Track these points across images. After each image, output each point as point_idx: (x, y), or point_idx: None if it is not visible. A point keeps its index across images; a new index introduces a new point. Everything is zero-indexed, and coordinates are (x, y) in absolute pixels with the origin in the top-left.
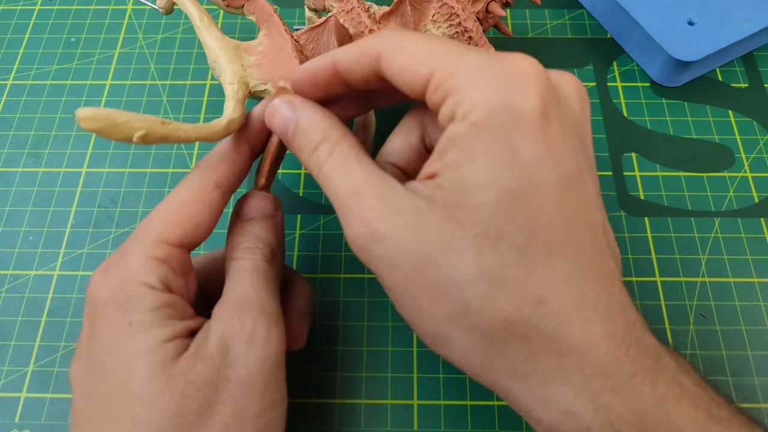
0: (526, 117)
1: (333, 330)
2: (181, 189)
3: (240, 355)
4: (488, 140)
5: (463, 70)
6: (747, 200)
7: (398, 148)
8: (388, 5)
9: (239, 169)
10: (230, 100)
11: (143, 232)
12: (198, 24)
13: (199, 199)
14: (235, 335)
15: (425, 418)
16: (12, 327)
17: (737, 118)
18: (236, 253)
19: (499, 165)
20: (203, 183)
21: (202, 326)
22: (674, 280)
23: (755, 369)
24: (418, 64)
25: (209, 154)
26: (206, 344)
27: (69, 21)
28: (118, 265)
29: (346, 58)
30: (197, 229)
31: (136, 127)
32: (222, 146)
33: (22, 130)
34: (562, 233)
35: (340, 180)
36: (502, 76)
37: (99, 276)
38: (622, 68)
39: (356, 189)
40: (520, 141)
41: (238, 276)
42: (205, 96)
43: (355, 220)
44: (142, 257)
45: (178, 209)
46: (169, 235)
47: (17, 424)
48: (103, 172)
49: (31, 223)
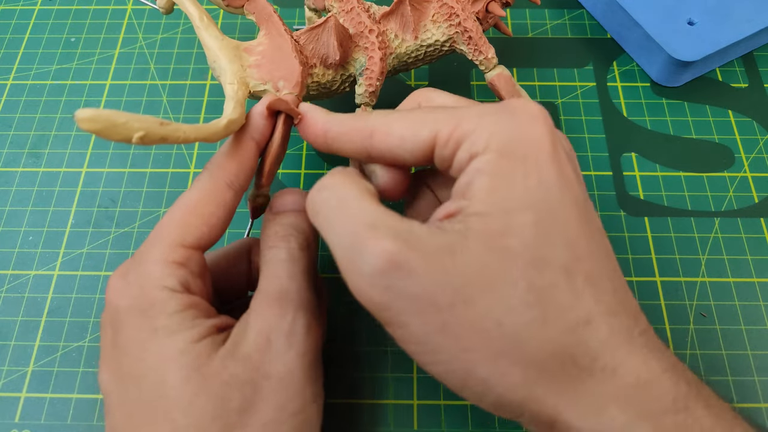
0: (542, 145)
1: (332, 331)
2: (193, 191)
3: (281, 351)
4: (515, 166)
5: (470, 118)
6: (747, 200)
7: None
8: (388, 5)
9: (248, 167)
10: (230, 100)
11: (159, 236)
12: (198, 24)
13: (213, 200)
14: (275, 330)
15: (425, 418)
16: (12, 327)
17: (737, 118)
18: (271, 242)
19: (531, 187)
20: (215, 184)
21: (237, 322)
22: (674, 280)
23: (755, 368)
24: (419, 130)
25: (217, 155)
26: (244, 341)
27: (69, 21)
28: (138, 271)
29: (338, 129)
30: (213, 230)
31: (135, 128)
32: (228, 146)
33: (22, 130)
34: (596, 265)
35: (350, 215)
36: (510, 114)
37: (118, 283)
38: (622, 68)
39: (372, 222)
40: (542, 167)
41: (275, 267)
42: (205, 96)
43: (373, 255)
44: (160, 262)
45: (193, 211)
46: (186, 238)
47: (17, 424)
48: (103, 172)
49: (31, 223)
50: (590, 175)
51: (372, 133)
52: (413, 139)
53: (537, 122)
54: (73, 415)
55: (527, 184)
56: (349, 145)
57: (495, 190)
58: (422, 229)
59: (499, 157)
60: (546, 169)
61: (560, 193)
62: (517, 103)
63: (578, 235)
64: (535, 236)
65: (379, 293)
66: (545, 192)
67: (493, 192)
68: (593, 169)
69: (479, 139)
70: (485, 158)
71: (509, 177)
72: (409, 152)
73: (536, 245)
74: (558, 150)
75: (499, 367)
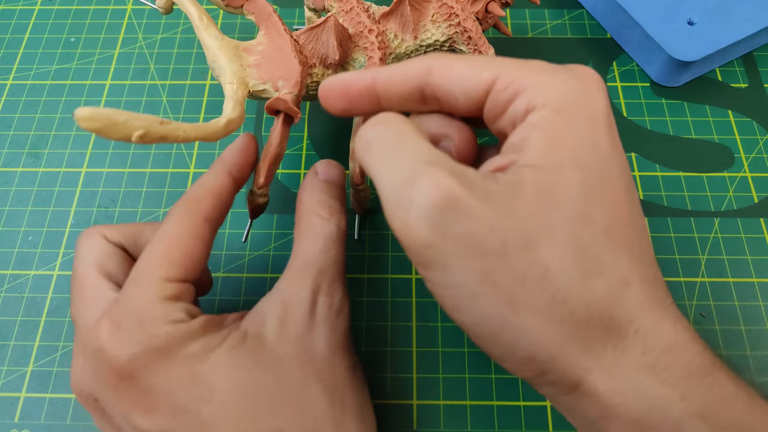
0: (601, 112)
1: None
2: (170, 226)
3: (329, 323)
4: (574, 125)
5: (532, 72)
6: (747, 200)
7: None
8: (388, 5)
9: (224, 202)
10: (229, 100)
11: (144, 275)
12: (197, 24)
13: (193, 234)
14: (335, 309)
15: (425, 418)
16: (11, 327)
17: (737, 118)
18: (321, 210)
19: (586, 148)
20: (193, 219)
21: (267, 301)
22: (674, 280)
23: (755, 369)
24: (479, 71)
25: (192, 189)
26: (291, 318)
27: (69, 21)
28: (134, 316)
29: (389, 72)
30: (195, 264)
31: (135, 127)
32: (206, 180)
33: (22, 130)
34: (634, 233)
35: (407, 149)
36: (574, 76)
37: (112, 337)
38: (622, 68)
39: (430, 159)
40: (599, 131)
41: (325, 241)
42: (204, 96)
43: (430, 187)
44: (156, 300)
45: (175, 246)
46: (172, 274)
47: (17, 424)
48: (103, 172)
49: (31, 223)
50: None
51: (430, 70)
52: (472, 78)
53: (598, 88)
54: (72, 415)
55: (583, 146)
56: (403, 86)
57: (551, 146)
58: (478, 175)
59: (557, 114)
60: (602, 134)
61: (612, 159)
62: (578, 66)
63: (622, 203)
64: (585, 195)
65: (427, 229)
66: (599, 156)
67: (549, 147)
68: None
69: (539, 94)
70: (543, 113)
71: (567, 135)
72: (464, 93)
73: (585, 203)
74: (611, 121)
75: (539, 318)
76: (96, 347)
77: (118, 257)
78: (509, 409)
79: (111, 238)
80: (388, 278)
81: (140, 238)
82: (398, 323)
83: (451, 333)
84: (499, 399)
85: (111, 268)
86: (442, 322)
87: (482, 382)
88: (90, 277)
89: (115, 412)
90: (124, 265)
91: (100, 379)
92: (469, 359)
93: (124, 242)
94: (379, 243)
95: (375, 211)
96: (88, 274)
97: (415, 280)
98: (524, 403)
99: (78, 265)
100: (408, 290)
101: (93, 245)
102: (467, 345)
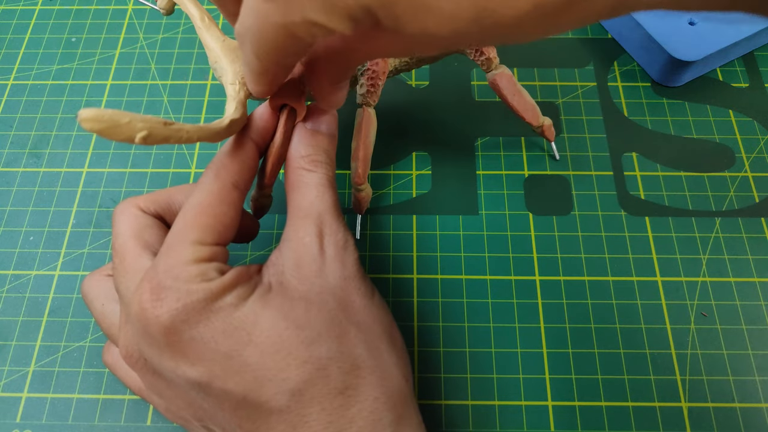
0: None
1: None
2: (201, 194)
3: (339, 258)
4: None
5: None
6: (748, 200)
7: None
8: None
9: (250, 167)
10: (232, 100)
11: (178, 241)
12: (199, 24)
13: (223, 200)
14: (340, 245)
15: (425, 418)
16: (13, 327)
17: (738, 117)
18: (308, 164)
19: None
20: (222, 185)
21: (299, 237)
22: (675, 280)
23: (756, 368)
24: None
25: (219, 156)
26: (306, 258)
27: (70, 21)
28: (172, 283)
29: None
30: (227, 229)
31: (139, 128)
32: (230, 147)
33: (23, 130)
34: None
35: None
36: None
37: (152, 298)
38: (623, 68)
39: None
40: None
41: (319, 190)
42: (206, 96)
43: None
44: (190, 262)
45: (206, 212)
46: (204, 238)
47: (18, 424)
48: (104, 172)
49: (32, 223)
50: (591, 174)
51: None
52: None
53: None
54: (74, 415)
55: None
56: None
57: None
58: None
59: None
60: None
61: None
62: None
63: None
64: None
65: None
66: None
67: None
68: (594, 169)
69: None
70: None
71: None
72: None
73: None
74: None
75: None
76: (139, 310)
77: (154, 228)
78: (510, 409)
79: (146, 208)
80: (389, 278)
81: (173, 204)
82: (398, 323)
83: (453, 333)
84: (501, 399)
85: (148, 237)
86: (444, 322)
87: (484, 382)
88: (129, 249)
89: (164, 367)
90: (160, 235)
91: (147, 339)
92: (471, 359)
93: (159, 210)
94: (379, 243)
95: (375, 211)
96: (128, 246)
97: (416, 280)
98: (526, 403)
99: (117, 239)
100: (409, 290)
101: (129, 218)
102: (469, 345)
